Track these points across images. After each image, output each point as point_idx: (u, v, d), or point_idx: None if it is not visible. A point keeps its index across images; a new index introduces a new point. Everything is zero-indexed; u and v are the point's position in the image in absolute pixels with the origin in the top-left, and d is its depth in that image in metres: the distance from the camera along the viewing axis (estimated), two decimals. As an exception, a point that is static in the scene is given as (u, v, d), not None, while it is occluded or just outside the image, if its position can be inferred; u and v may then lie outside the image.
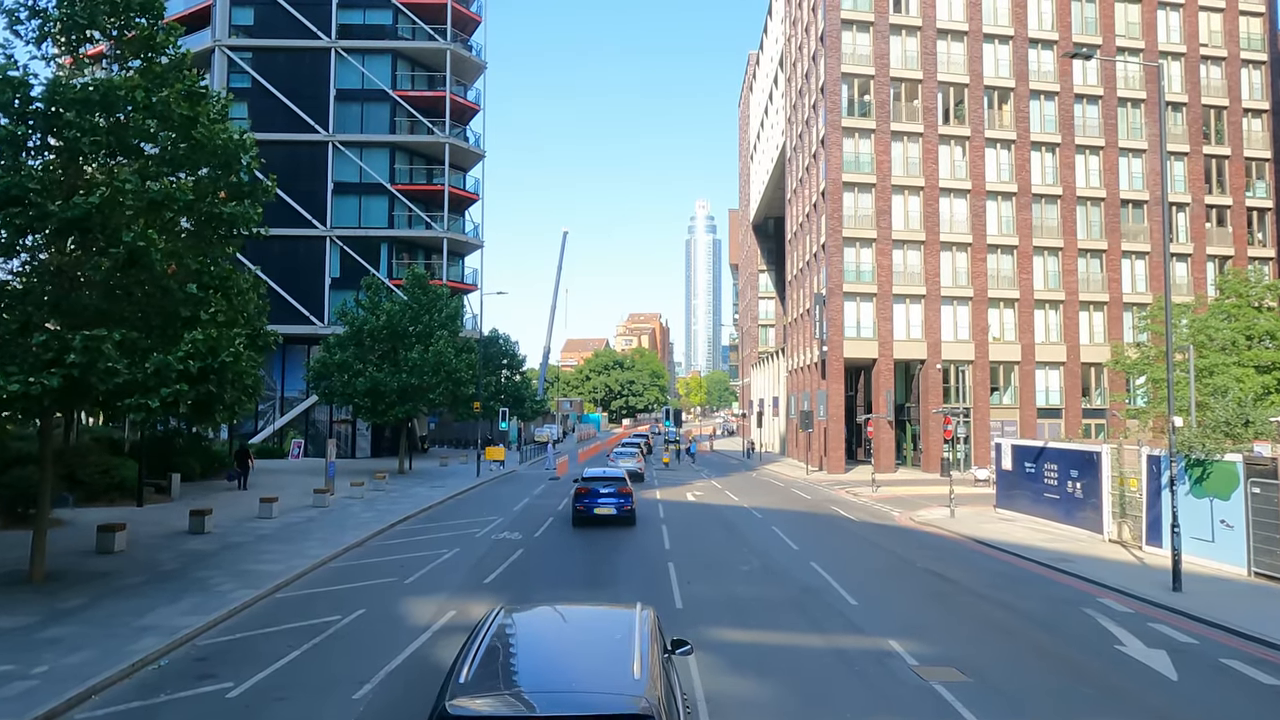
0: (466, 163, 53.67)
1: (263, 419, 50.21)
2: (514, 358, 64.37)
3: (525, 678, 5.33)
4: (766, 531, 22.37)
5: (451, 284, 50.58)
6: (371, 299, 38.93)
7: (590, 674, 5.21)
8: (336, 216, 49.61)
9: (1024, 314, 46.37)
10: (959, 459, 44.39)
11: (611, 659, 5.29)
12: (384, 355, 38.03)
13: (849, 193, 45.63)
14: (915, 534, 22.82)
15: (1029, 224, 46.61)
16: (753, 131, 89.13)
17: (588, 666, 5.37)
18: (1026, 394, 45.98)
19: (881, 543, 21.02)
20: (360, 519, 23.30)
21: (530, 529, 22.05)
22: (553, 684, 5.16)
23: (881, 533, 22.84)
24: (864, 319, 45.36)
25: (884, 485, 36.12)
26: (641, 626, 5.76)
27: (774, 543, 20.45)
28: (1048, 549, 19.64)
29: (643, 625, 5.80)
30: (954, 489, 26.17)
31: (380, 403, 36.61)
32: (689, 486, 35.95)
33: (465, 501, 29.27)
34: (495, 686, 4.94)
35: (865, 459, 52.84)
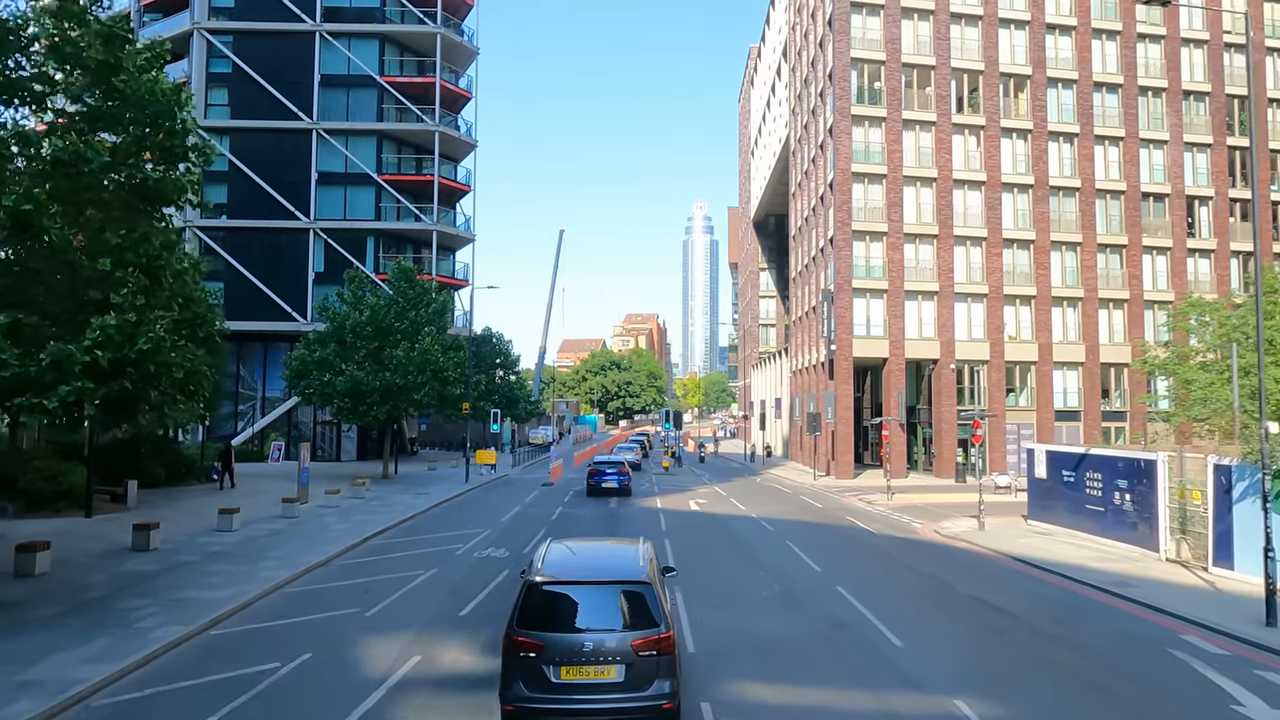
0: (458, 153, 51.41)
1: (243, 420, 47.89)
2: (507, 357, 62.12)
3: (574, 569, 9.02)
4: (781, 547, 20.15)
5: (441, 279, 48.29)
6: (354, 293, 36.67)
7: (613, 567, 9.09)
8: (321, 208, 47.32)
9: (1041, 312, 44.25)
10: (973, 464, 42.27)
11: (625, 561, 9.13)
12: (367, 353, 35.79)
13: (858, 184, 43.47)
14: (945, 550, 20.62)
15: (1046, 218, 44.49)
16: (753, 127, 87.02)
17: (611, 564, 9.26)
18: (1044, 396, 43.85)
19: (910, 561, 18.82)
20: (331, 532, 21.03)
21: (519, 544, 19.81)
22: (592, 570, 9.03)
23: (907, 549, 20.64)
24: (874, 316, 43.19)
25: (898, 492, 33.93)
26: (643, 547, 9.62)
27: (791, 562, 18.24)
28: (1100, 569, 17.45)
29: (644, 546, 9.66)
30: (982, 498, 23.93)
31: (362, 403, 34.35)
32: (691, 494, 33.74)
33: (450, 511, 27.01)
34: (557, 573, 8.67)
35: (872, 463, 50.71)
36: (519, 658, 7.90)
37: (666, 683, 7.96)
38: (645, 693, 7.86)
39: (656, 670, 7.93)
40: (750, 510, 27.97)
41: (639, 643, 7.92)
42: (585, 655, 7.89)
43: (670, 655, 8.06)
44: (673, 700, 7.97)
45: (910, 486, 37.41)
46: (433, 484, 35.44)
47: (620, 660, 7.87)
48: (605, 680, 7.86)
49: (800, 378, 54.78)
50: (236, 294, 46.47)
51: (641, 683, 7.87)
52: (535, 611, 8.12)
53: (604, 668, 7.86)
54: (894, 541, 21.71)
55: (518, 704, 7.81)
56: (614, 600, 8.26)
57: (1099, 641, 12.21)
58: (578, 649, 7.91)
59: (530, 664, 7.84)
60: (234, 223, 46.79)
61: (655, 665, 7.92)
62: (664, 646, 8.00)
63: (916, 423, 45.81)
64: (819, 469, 43.18)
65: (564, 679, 7.83)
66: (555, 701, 7.80)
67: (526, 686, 7.82)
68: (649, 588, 8.29)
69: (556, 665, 7.84)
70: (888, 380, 43.27)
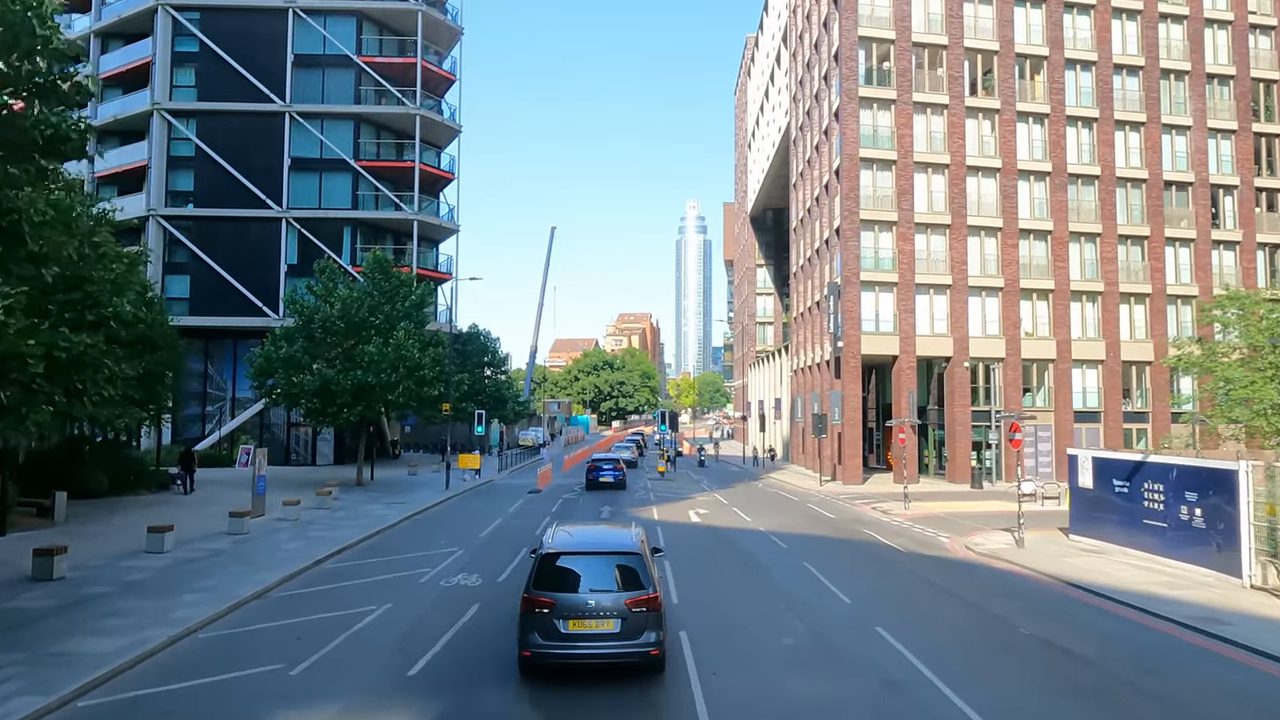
0: (441, 139, 48.60)
1: (211, 422, 44.99)
2: (495, 355, 59.31)
3: (579, 543, 10.88)
4: (798, 570, 17.48)
5: (423, 272, 45.51)
6: (325, 285, 33.85)
7: (611, 542, 11.04)
8: (294, 196, 44.49)
9: (1059, 307, 41.73)
10: (988, 469, 39.78)
11: (620, 538, 11.08)
12: (339, 350, 32.99)
13: (866, 170, 40.86)
14: (985, 573, 17.98)
15: (1064, 207, 41.98)
16: (750, 119, 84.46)
17: (609, 540, 11.28)
18: (1062, 396, 41.34)
19: (951, 587, 16.17)
20: (279, 553, 18.25)
21: (495, 568, 17.08)
22: (594, 544, 10.98)
23: (942, 571, 17.99)
24: (883, 311, 40.58)
25: (914, 500, 31.31)
26: (634, 529, 11.74)
27: (814, 590, 15.56)
28: (1175, 599, 14.83)
29: (635, 528, 11.79)
30: (1021, 511, 21.31)
31: (332, 404, 31.55)
32: (690, 502, 31.06)
33: (423, 524, 24.25)
34: (565, 546, 10.51)
35: (878, 465, 48.18)
36: (535, 613, 9.55)
37: (653, 633, 9.65)
38: (637, 641, 9.56)
39: (646, 623, 9.63)
40: (757, 522, 25.29)
41: (631, 601, 9.62)
42: (588, 611, 9.58)
43: (657, 612, 9.75)
44: (659, 648, 9.72)
45: (924, 493, 34.81)
46: (410, 491, 32.66)
47: (617, 615, 9.57)
48: (605, 631, 9.56)
49: (802, 377, 52.16)
50: (204, 288, 43.69)
51: (634, 633, 9.56)
52: (548, 576, 9.84)
53: (603, 621, 9.56)
54: (925, 561, 19.06)
55: (534, 650, 9.53)
56: (611, 568, 10.06)
57: (1225, 710, 9.56)
58: (582, 606, 9.60)
59: (543, 618, 9.49)
60: (201, 211, 43.92)
61: (645, 619, 9.64)
62: (652, 604, 9.71)
63: (927, 424, 43.24)
64: (825, 473, 40.55)
65: (571, 630, 9.53)
66: (564, 648, 9.52)
67: (540, 636, 9.50)
68: (640, 558, 10.10)
69: (565, 619, 9.52)
70: (898, 379, 40.68)
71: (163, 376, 28.49)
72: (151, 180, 43.89)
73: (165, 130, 44.18)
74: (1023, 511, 21.67)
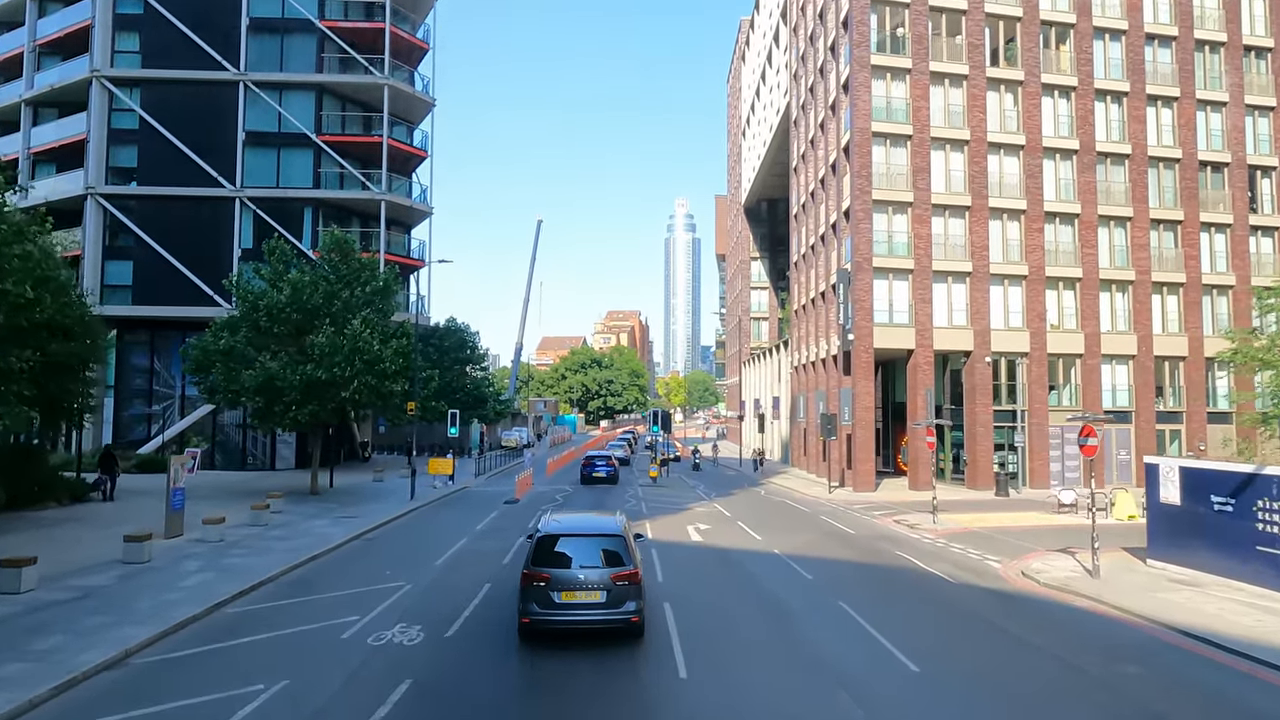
0: (413, 113, 44.59)
1: (158, 423, 40.81)
2: (474, 350, 55.35)
3: (570, 527, 12.32)
4: (833, 613, 13.75)
5: (393, 258, 41.55)
6: (275, 268, 29.87)
7: (598, 526, 12.47)
8: (249, 174, 40.39)
9: (1087, 297, 38.24)
10: (1012, 474, 36.22)
11: (606, 523, 12.60)
12: (288, 341, 29.04)
13: (879, 146, 37.21)
14: (1063, 614, 14.32)
15: (1093, 188, 38.51)
16: (744, 105, 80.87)
17: (596, 525, 12.62)
18: (1091, 394, 37.86)
19: (1031, 638, 12.49)
20: (174, 593, 14.34)
21: (445, 614, 13.26)
22: (583, 528, 12.41)
23: (1012, 612, 14.31)
24: (898, 300, 36.96)
25: (939, 510, 27.66)
26: (618, 515, 13.50)
27: (865, 649, 11.82)
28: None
29: (619, 515, 13.59)
30: (1095, 533, 17.67)
31: (278, 402, 27.57)
32: (688, 514, 27.31)
33: (373, 546, 20.35)
34: (559, 530, 11.99)
35: (885, 469, 44.50)
36: (533, 586, 11.25)
37: (634, 603, 11.41)
38: (620, 610, 11.31)
39: (628, 594, 11.37)
40: (769, 541, 21.54)
41: (615, 576, 11.37)
42: (578, 584, 11.33)
43: (637, 585, 11.53)
44: (639, 615, 11.48)
45: (947, 502, 31.16)
46: (369, 501, 28.74)
47: (603, 588, 11.30)
48: (593, 601, 11.29)
49: (803, 374, 48.53)
50: (149, 274, 39.54)
51: (617, 603, 11.29)
52: (544, 554, 11.51)
53: (591, 593, 11.30)
54: (984, 598, 15.36)
55: (532, 618, 11.23)
56: (598, 548, 11.77)
57: None
58: (573, 580, 11.36)
59: (540, 590, 11.21)
60: (145, 190, 39.75)
61: (627, 590, 11.38)
62: (632, 579, 11.49)
63: (943, 426, 39.59)
64: (833, 479, 36.90)
65: (564, 600, 11.24)
66: (557, 615, 11.24)
67: (538, 606, 11.22)
68: (622, 540, 11.88)
69: (558, 591, 11.24)
70: (913, 376, 37.06)
71: (75, 370, 24.49)
72: (90, 156, 39.69)
73: (106, 100, 39.97)
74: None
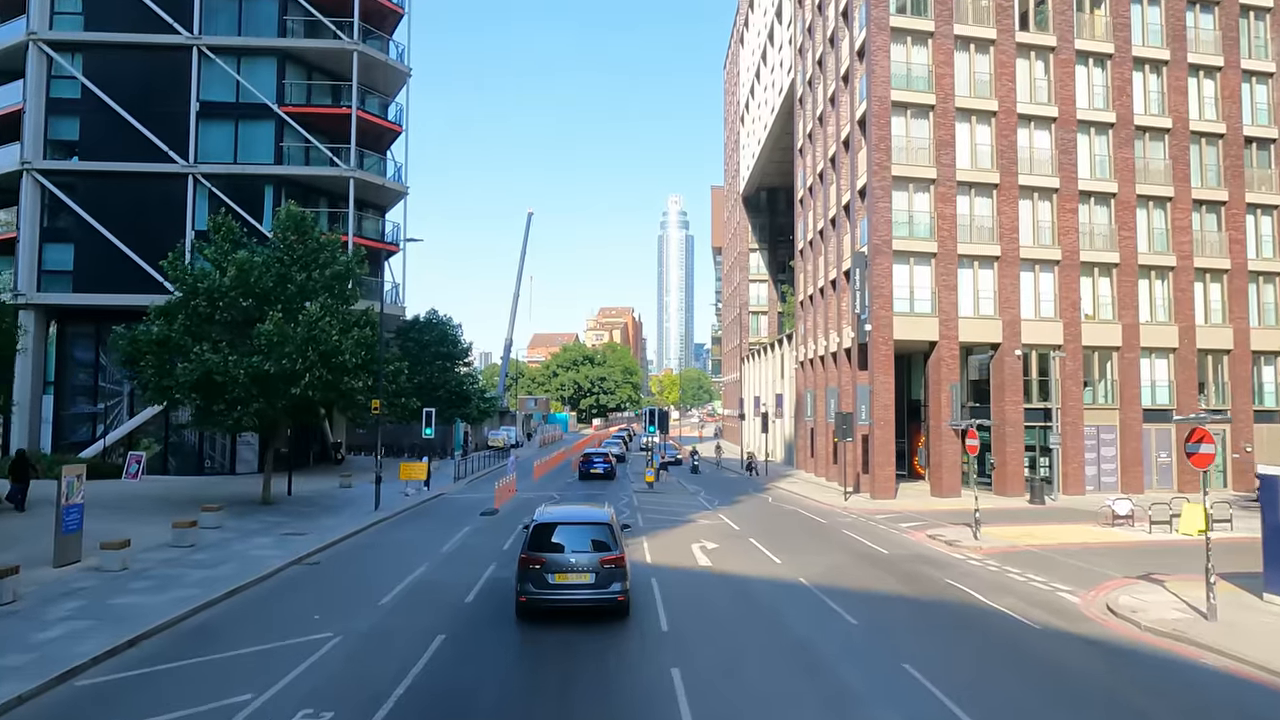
0: (387, 84, 40.86)
1: (103, 423, 37.03)
2: (456, 345, 51.67)
3: (563, 516, 13.73)
4: (905, 687, 10.22)
5: (364, 241, 37.87)
6: (220, 248, 26.21)
7: (588, 515, 13.92)
8: (204, 148, 36.66)
9: (1125, 284, 34.92)
10: (1044, 478, 32.83)
11: (595, 512, 14.16)
12: (236, 329, 25.43)
13: (899, 117, 33.76)
14: (1192, 673, 10.91)
15: (1130, 165, 35.17)
16: (743, 90, 77.37)
17: (586, 514, 14.08)
18: (1129, 390, 34.56)
19: None
20: (16, 653, 10.73)
21: (375, 690, 9.69)
22: (574, 517, 13.80)
23: (1123, 673, 10.89)
24: (919, 288, 33.53)
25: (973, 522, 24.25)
26: (606, 507, 15.11)
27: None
28: None
29: (607, 506, 15.24)
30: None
31: (218, 400, 23.92)
32: (691, 528, 23.79)
33: (311, 576, 16.75)
34: (552, 519, 13.37)
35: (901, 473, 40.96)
36: (529, 568, 12.58)
37: (620, 584, 12.67)
38: (607, 590, 12.58)
39: (614, 576, 12.65)
40: (792, 566, 18.06)
41: (603, 560, 12.70)
42: (570, 566, 12.61)
43: (623, 568, 12.83)
44: (624, 594, 12.72)
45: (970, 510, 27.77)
46: (326, 514, 25.14)
47: (592, 570, 12.60)
48: (583, 582, 12.57)
49: (809, 370, 45.09)
50: (92, 259, 35.84)
51: (605, 583, 12.58)
52: (539, 540, 12.85)
53: (582, 574, 12.58)
54: (1080, 651, 11.89)
55: (528, 596, 12.56)
56: (588, 535, 13.17)
57: None
58: (566, 563, 12.63)
59: (535, 572, 12.53)
60: (88, 165, 35.95)
61: (613, 573, 12.66)
62: (618, 562, 12.79)
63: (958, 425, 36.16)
64: (846, 484, 33.47)
65: (557, 581, 12.53)
66: (551, 594, 12.54)
67: (533, 586, 12.53)
68: (609, 529, 13.23)
69: (552, 573, 12.54)
70: (936, 370, 33.65)
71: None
72: (27, 128, 35.85)
73: (44, 67, 36.12)
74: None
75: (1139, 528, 23.73)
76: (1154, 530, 22.95)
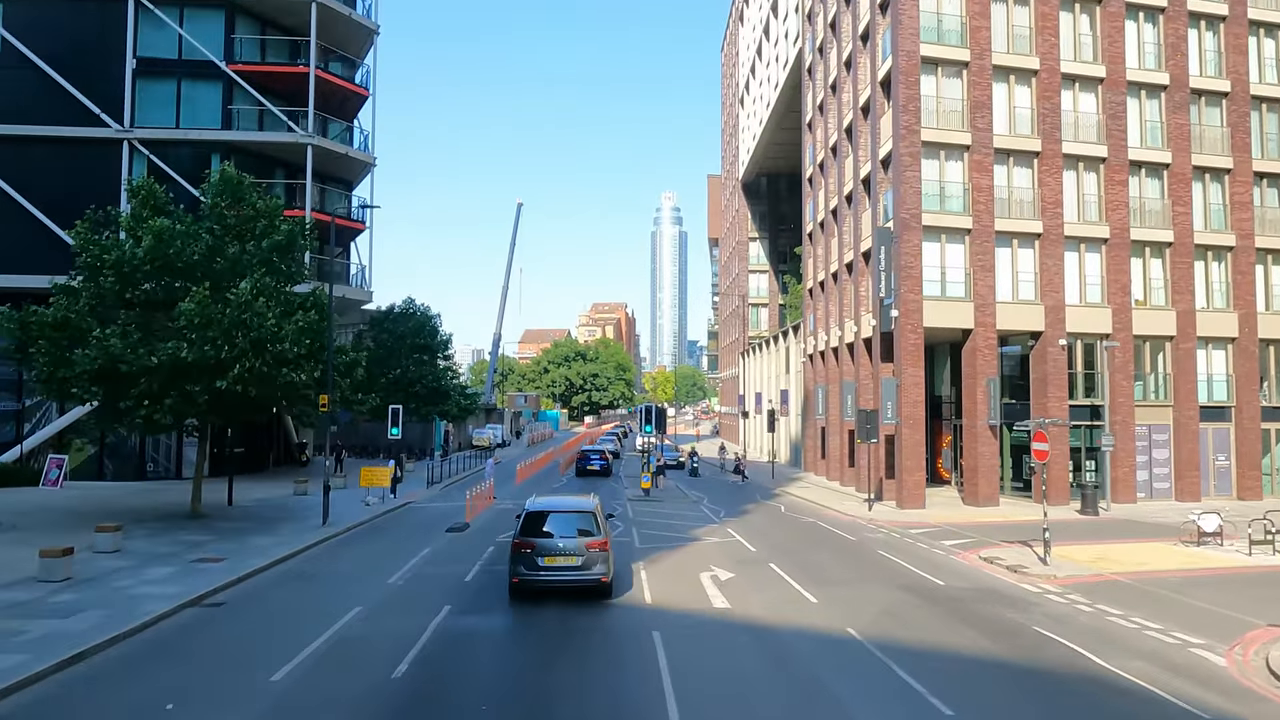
0: (352, 43, 36.59)
1: (31, 422, 32.78)
2: (435, 336, 47.52)
3: (552, 505, 14.89)
4: None
5: (326, 217, 33.65)
6: (136, 214, 22.07)
7: (574, 505, 15.07)
8: (142, 111, 32.47)
9: (1179, 266, 31.10)
10: (1094, 485, 28.94)
11: (581, 503, 15.18)
12: (156, 311, 21.33)
13: (928, 76, 29.80)
14: None
15: (1185, 132, 31.33)
16: (742, 71, 73.38)
17: (573, 503, 15.25)
18: (1184, 385, 30.75)
19: None
20: None
21: None
22: (562, 506, 15.10)
23: None
24: (951, 268, 29.61)
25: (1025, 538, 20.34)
26: (591, 497, 15.83)
27: None
28: None
29: (592, 497, 15.92)
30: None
31: (124, 396, 19.80)
32: (697, 550, 19.78)
33: (195, 630, 12.64)
34: (542, 507, 14.58)
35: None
36: (521, 552, 13.72)
37: (603, 566, 13.79)
38: (591, 572, 13.73)
39: (598, 559, 13.78)
40: (830, 606, 14.09)
41: (588, 544, 13.79)
42: (558, 550, 13.70)
43: (606, 552, 13.94)
44: (607, 576, 13.85)
45: (1025, 525, 23.92)
46: (265, 529, 21.05)
47: (577, 554, 13.70)
48: (569, 564, 13.69)
49: (819, 364, 41.15)
50: (12, 236, 31.50)
51: (589, 566, 13.73)
52: (530, 526, 13.96)
53: (569, 558, 13.68)
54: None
55: (520, 578, 13.69)
56: (574, 521, 14.26)
57: None
58: (554, 547, 13.73)
59: (527, 555, 13.67)
60: (8, 129, 31.66)
61: (597, 556, 13.79)
62: (602, 546, 13.91)
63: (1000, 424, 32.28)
64: (866, 490, 29.49)
65: (546, 564, 13.66)
66: (541, 575, 13.67)
67: (525, 568, 13.67)
68: (593, 517, 14.33)
69: (541, 556, 13.66)
70: (970, 362, 29.74)
71: None
72: (-61, 87, 31.58)
73: (-42, 17, 31.84)
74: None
75: (1231, 547, 19.89)
76: (1254, 551, 19.08)
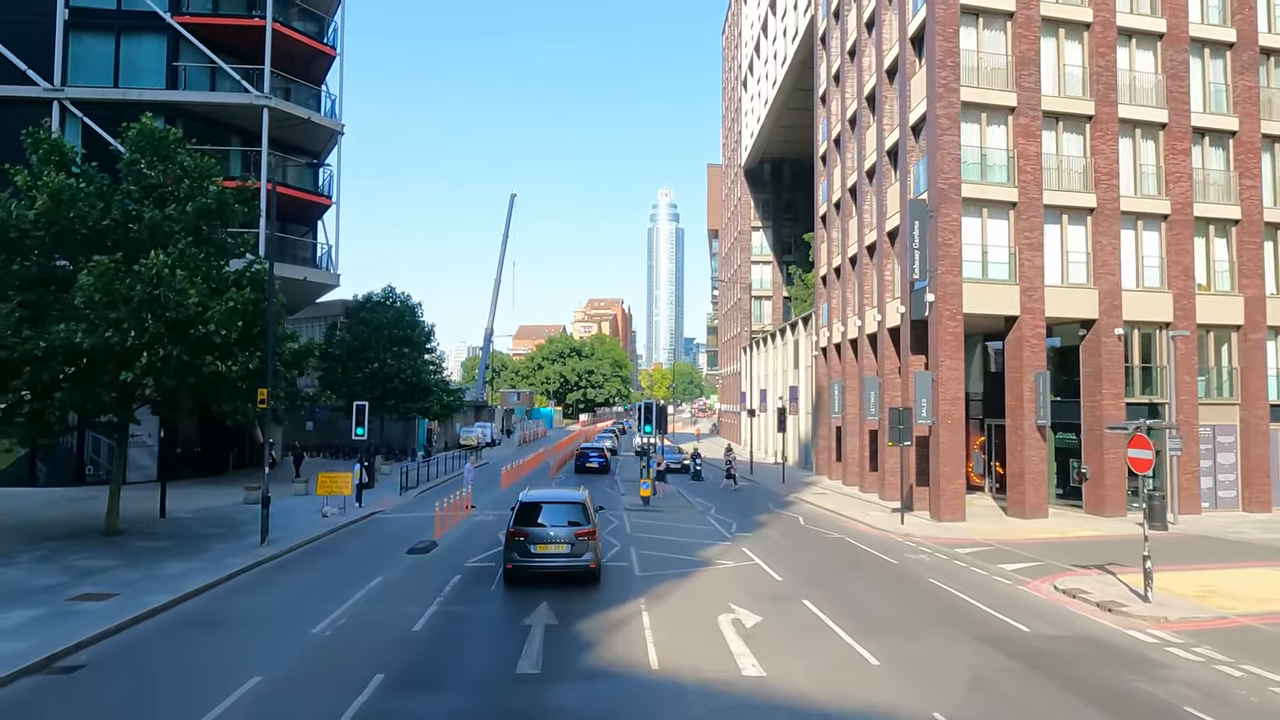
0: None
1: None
2: (415, 327, 43.80)
3: (544, 496, 16.13)
4: None
5: (288, 190, 29.96)
6: (36, 173, 18.35)
7: (564, 496, 16.52)
8: (75, 69, 28.79)
9: (1247, 246, 27.58)
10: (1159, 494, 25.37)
11: (571, 494, 16.70)
12: (48, 286, 17.64)
13: (967, 28, 26.19)
14: None
15: (1254, 96, 27.79)
16: (745, 51, 69.80)
17: (564, 495, 16.75)
18: (1253, 381, 27.24)
19: None
20: None
21: None
22: (553, 497, 16.33)
23: None
24: (993, 246, 26.00)
25: (1098, 559, 16.73)
26: (581, 490, 18.03)
27: None
28: None
29: (581, 489, 18.17)
30: None
31: (5, 389, 16.10)
32: (710, 578, 16.13)
33: (24, 711, 8.99)
34: (535, 499, 15.76)
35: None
36: (514, 540, 14.74)
37: (591, 554, 14.82)
38: (581, 558, 14.72)
39: (587, 547, 14.78)
40: (899, 675, 10.53)
41: (577, 533, 14.76)
42: (549, 538, 14.70)
43: (594, 540, 15.01)
44: (595, 563, 14.93)
45: (1086, 541, 20.32)
46: (188, 550, 17.40)
47: (567, 541, 14.68)
48: (559, 552, 14.68)
49: (834, 358, 37.54)
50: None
51: (579, 553, 14.71)
52: (523, 516, 14.95)
53: (559, 545, 14.67)
54: None
55: (513, 564, 14.71)
56: (564, 511, 15.21)
57: None
58: (545, 535, 14.73)
59: (520, 543, 14.69)
60: (-79, 88, 27.92)
61: (586, 544, 14.78)
62: (591, 535, 14.93)
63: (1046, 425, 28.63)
64: (898, 499, 25.90)
65: (538, 551, 14.67)
66: (533, 562, 14.68)
67: (518, 555, 14.70)
68: (583, 507, 15.38)
69: (534, 544, 14.66)
70: (1015, 353, 26.13)
71: None
72: None
73: None
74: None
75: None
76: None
